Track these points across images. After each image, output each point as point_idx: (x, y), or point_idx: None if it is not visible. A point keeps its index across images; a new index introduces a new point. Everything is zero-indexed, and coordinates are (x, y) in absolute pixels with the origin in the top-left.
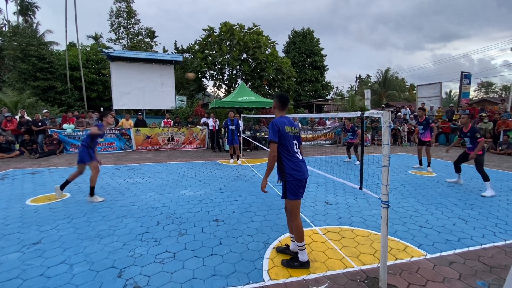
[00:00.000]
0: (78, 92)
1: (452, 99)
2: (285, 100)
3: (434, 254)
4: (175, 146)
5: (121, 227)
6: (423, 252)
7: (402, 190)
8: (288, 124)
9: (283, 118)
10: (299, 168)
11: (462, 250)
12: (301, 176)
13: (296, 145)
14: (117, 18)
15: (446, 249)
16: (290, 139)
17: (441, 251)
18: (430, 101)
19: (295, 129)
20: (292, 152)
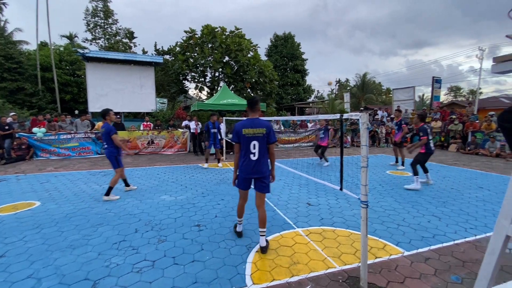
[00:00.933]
0: (50, 94)
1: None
2: (251, 103)
3: (411, 251)
4: (155, 150)
5: (96, 236)
6: (401, 249)
7: (381, 190)
8: (249, 126)
9: (247, 121)
10: (246, 167)
11: (437, 246)
12: (245, 175)
13: (255, 145)
14: (93, 17)
15: (422, 246)
16: (247, 140)
17: (417, 248)
18: (405, 104)
19: (257, 129)
20: (247, 151)
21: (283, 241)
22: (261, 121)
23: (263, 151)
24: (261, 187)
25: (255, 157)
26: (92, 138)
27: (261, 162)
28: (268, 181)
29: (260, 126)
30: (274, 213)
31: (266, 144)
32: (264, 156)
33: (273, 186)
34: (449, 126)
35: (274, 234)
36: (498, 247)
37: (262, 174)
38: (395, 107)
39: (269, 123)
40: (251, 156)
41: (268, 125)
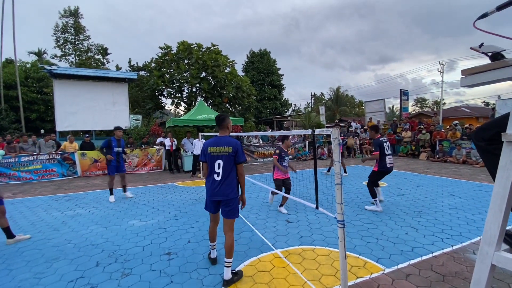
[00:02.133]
0: (14, 113)
1: (395, 114)
2: (218, 120)
3: (391, 267)
4: (127, 170)
5: (50, 273)
6: (381, 266)
7: (358, 202)
8: (214, 144)
9: (214, 139)
10: (210, 188)
11: (416, 260)
12: (210, 197)
13: (220, 164)
14: (63, 33)
15: (402, 260)
16: (212, 159)
17: (397, 264)
18: (377, 115)
19: (222, 148)
20: (211, 171)
21: (261, 265)
22: (228, 139)
23: (229, 171)
24: (226, 212)
25: (218, 178)
26: (58, 159)
27: (225, 183)
28: (234, 205)
29: (225, 144)
30: (252, 234)
31: (233, 163)
32: (229, 177)
33: (251, 203)
34: (418, 135)
35: (251, 258)
36: (484, 278)
37: (226, 196)
38: (368, 118)
39: (237, 141)
40: (215, 176)
41: (235, 143)
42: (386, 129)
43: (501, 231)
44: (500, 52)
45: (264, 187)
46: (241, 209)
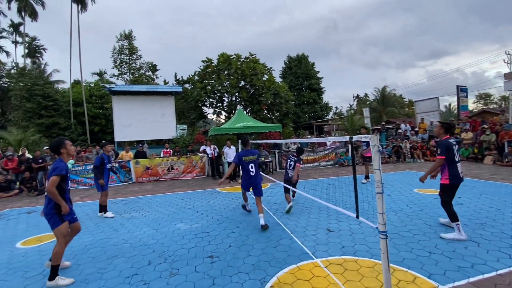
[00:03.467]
0: (81, 127)
1: (452, 113)
2: (242, 141)
3: (446, 285)
4: (175, 176)
5: (111, 269)
6: (434, 283)
7: (408, 212)
8: (246, 154)
9: (245, 151)
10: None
11: (477, 278)
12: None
13: (252, 166)
14: (120, 55)
15: (459, 278)
16: (246, 164)
17: (454, 281)
18: (429, 116)
19: (252, 157)
20: (247, 171)
21: (300, 274)
22: (252, 151)
23: (257, 169)
24: (257, 191)
25: (253, 174)
26: (116, 167)
27: (256, 176)
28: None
29: (253, 154)
30: (291, 241)
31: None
32: (257, 172)
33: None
34: (480, 136)
35: (290, 265)
36: None
37: (257, 183)
38: (419, 119)
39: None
40: (250, 174)
41: (257, 152)
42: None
43: None
44: None
45: (304, 195)
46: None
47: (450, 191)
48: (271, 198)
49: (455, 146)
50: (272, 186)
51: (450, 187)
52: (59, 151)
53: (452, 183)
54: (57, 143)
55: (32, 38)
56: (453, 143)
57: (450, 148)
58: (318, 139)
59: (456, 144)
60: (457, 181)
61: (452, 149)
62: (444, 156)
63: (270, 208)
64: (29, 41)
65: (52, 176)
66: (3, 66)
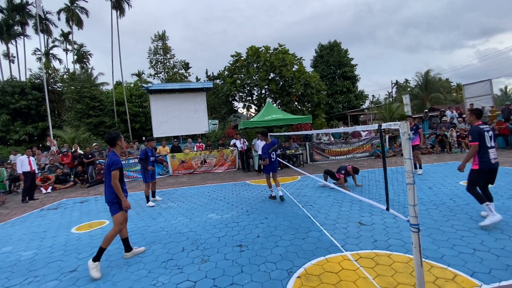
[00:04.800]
0: (124, 125)
1: (509, 96)
2: (264, 134)
3: (491, 284)
4: (207, 169)
5: (149, 254)
6: (477, 282)
7: (452, 205)
8: (270, 146)
9: (268, 144)
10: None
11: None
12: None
13: (273, 154)
14: (155, 55)
15: (507, 277)
16: (271, 154)
17: (500, 280)
18: (481, 100)
19: (274, 147)
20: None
21: (328, 266)
22: (273, 141)
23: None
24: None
25: (274, 159)
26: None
27: (276, 161)
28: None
29: (274, 145)
30: (320, 234)
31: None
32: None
33: (320, 203)
34: None
35: (318, 257)
36: None
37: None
38: (468, 105)
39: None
40: (272, 159)
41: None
42: (495, 116)
43: None
44: None
45: (335, 187)
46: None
47: (478, 176)
48: (300, 191)
49: (487, 132)
50: (303, 179)
51: (479, 173)
52: (115, 143)
53: (481, 169)
54: (114, 135)
55: (80, 45)
56: (484, 129)
57: (481, 134)
58: (345, 129)
59: (489, 130)
60: (487, 166)
61: (483, 135)
62: (477, 142)
63: (300, 200)
64: (77, 48)
65: (113, 171)
66: (57, 72)
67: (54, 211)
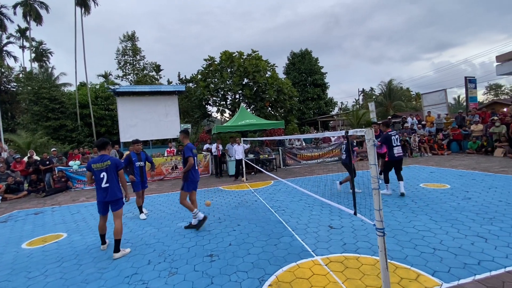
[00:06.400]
0: (88, 128)
1: (462, 105)
2: (187, 132)
3: (451, 282)
4: (179, 175)
5: (111, 268)
6: (438, 281)
7: (413, 207)
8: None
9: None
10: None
11: (484, 275)
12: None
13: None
14: (123, 56)
15: (464, 275)
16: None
17: (459, 279)
18: (437, 108)
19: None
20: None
21: (299, 272)
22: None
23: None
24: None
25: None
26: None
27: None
28: None
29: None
30: (292, 239)
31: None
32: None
33: (292, 208)
34: (490, 128)
35: (290, 263)
36: None
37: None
38: (426, 112)
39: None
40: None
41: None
42: (450, 123)
43: None
44: None
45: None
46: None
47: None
48: (273, 196)
49: (394, 136)
50: (276, 183)
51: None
52: (105, 148)
53: (390, 160)
54: (105, 141)
55: (39, 42)
56: (392, 135)
57: (389, 138)
58: (316, 135)
59: (395, 134)
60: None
61: (391, 139)
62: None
63: (273, 205)
64: (36, 46)
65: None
66: (11, 71)
67: (2, 224)
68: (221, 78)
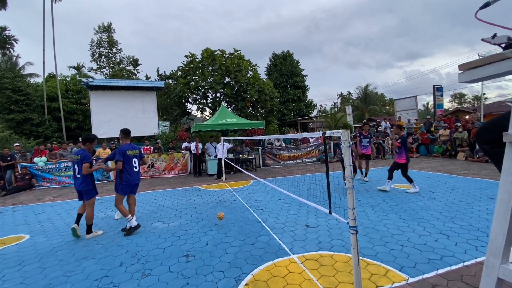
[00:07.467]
0: (56, 123)
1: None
2: (126, 132)
3: (416, 277)
4: (155, 174)
5: (78, 271)
6: (404, 276)
7: (384, 206)
8: (130, 149)
9: (127, 145)
10: (132, 176)
11: (445, 270)
12: (132, 181)
13: (136, 162)
14: (98, 48)
15: (428, 270)
16: (130, 159)
17: (423, 273)
18: (408, 114)
19: (135, 151)
20: (131, 166)
21: (276, 270)
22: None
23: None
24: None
25: (136, 169)
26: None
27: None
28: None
29: (135, 148)
30: (269, 238)
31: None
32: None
33: (271, 207)
34: (454, 134)
35: (267, 262)
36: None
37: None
38: (397, 117)
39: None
40: (133, 169)
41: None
42: (419, 128)
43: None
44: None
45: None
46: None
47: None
48: (252, 195)
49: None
50: (255, 183)
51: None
52: (86, 143)
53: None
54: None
55: (2, 28)
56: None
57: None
58: (295, 135)
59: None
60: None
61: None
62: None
63: (251, 205)
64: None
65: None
66: None
67: None
68: (202, 75)
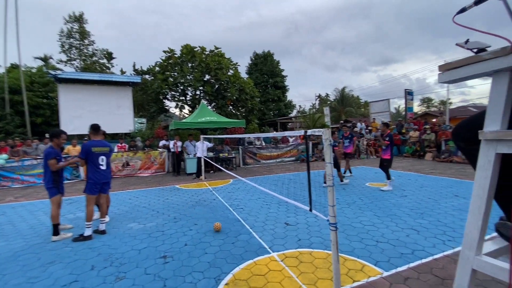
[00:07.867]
0: (19, 118)
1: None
2: (95, 128)
3: (390, 271)
4: (130, 172)
5: (44, 277)
6: (379, 270)
7: (360, 204)
8: (96, 145)
9: (94, 142)
10: (99, 175)
11: (416, 263)
12: (99, 180)
13: (103, 159)
14: (68, 38)
15: (401, 263)
16: (97, 156)
17: (396, 267)
18: (381, 116)
19: (103, 148)
20: (97, 164)
21: (256, 269)
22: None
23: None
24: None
25: (104, 167)
26: None
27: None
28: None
29: (105, 146)
30: (249, 237)
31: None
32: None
33: (251, 206)
34: (422, 136)
35: (247, 261)
36: (465, 284)
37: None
38: (371, 119)
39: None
40: (101, 167)
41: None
42: (391, 129)
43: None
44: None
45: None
46: None
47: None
48: (232, 194)
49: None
50: (235, 182)
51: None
52: (53, 139)
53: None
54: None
55: None
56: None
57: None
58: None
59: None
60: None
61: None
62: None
63: (231, 204)
64: None
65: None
66: None
67: None
68: (181, 72)
